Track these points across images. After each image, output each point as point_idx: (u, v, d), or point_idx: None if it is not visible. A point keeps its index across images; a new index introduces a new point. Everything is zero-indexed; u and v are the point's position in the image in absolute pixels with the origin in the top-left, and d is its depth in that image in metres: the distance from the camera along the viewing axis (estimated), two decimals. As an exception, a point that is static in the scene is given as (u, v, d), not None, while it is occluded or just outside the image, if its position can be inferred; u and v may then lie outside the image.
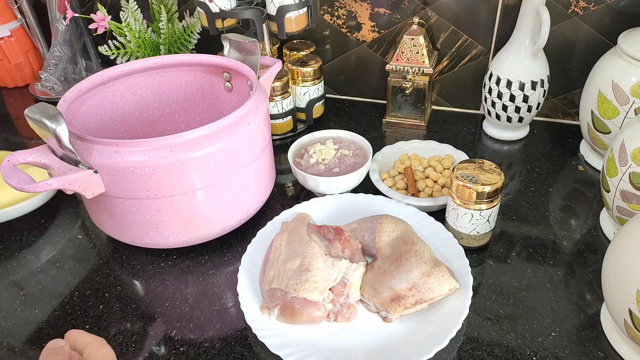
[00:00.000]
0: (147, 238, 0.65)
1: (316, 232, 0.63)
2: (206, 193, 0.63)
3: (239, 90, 0.78)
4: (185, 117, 0.84)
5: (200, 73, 0.80)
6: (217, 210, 0.65)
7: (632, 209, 0.61)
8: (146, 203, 0.61)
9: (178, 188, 0.60)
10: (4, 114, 1.08)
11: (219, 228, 0.67)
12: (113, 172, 0.58)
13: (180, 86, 0.81)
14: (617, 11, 0.80)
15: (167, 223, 0.63)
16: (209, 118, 0.84)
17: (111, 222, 0.65)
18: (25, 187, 0.55)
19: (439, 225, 0.66)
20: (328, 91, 1.05)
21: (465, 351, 0.56)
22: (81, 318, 0.62)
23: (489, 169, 0.63)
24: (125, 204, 0.61)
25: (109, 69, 0.73)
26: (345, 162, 0.76)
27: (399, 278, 0.56)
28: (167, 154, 0.58)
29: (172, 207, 0.62)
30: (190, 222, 0.64)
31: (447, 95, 0.98)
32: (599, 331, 0.57)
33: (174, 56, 0.77)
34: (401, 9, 0.91)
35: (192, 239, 0.66)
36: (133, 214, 0.62)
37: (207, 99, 0.82)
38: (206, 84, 0.81)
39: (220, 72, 0.78)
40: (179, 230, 0.64)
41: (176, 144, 0.58)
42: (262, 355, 0.56)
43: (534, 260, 0.66)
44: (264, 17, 0.82)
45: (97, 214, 0.66)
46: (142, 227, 0.63)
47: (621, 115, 0.72)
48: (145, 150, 0.57)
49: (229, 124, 0.61)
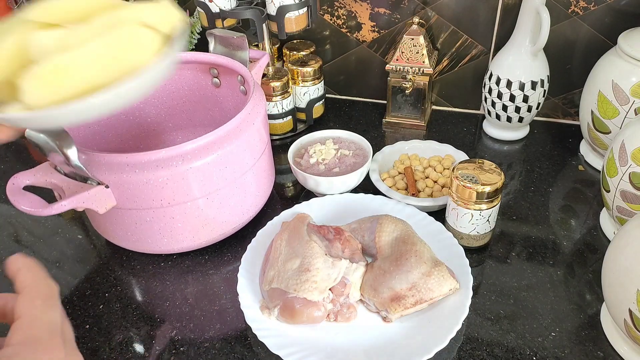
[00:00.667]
0: (161, 245, 0.65)
1: (316, 232, 0.63)
2: (219, 195, 0.63)
3: (228, 85, 0.78)
4: (172, 117, 0.84)
5: (185, 71, 0.79)
6: (228, 210, 0.66)
7: (632, 209, 0.61)
8: (160, 212, 0.61)
9: (191, 194, 0.61)
10: (4, 114, 1.08)
11: (231, 227, 0.68)
12: (125, 185, 0.57)
13: (166, 85, 0.81)
14: (617, 11, 0.80)
15: (182, 229, 0.63)
16: (198, 116, 0.84)
17: (122, 233, 0.64)
18: (40, 211, 0.54)
19: (439, 225, 0.66)
20: (328, 91, 1.05)
21: (465, 351, 0.56)
22: (81, 318, 0.62)
23: (489, 169, 0.63)
24: (139, 214, 0.61)
25: None
26: (345, 162, 0.76)
27: (399, 278, 0.56)
28: (179, 162, 0.58)
29: (185, 213, 0.62)
30: (204, 225, 0.64)
31: (447, 95, 0.98)
32: (599, 331, 0.57)
33: None
34: (401, 9, 0.91)
35: (206, 241, 0.67)
36: (147, 222, 0.62)
37: (194, 97, 0.82)
38: (192, 81, 0.80)
39: (206, 69, 0.78)
40: (193, 235, 0.65)
41: (187, 152, 0.58)
42: (262, 355, 0.56)
43: (534, 260, 0.66)
44: (264, 17, 0.82)
45: (105, 226, 0.65)
46: (156, 235, 0.63)
47: (621, 115, 0.72)
48: (157, 160, 0.57)
49: (237, 125, 0.62)
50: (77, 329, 0.61)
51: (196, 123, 0.85)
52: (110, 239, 0.68)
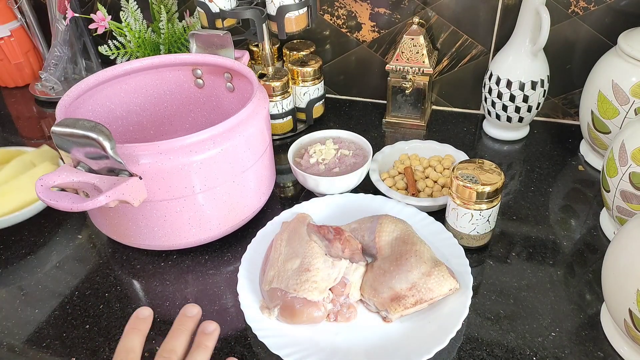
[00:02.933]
0: (190, 236, 0.65)
1: (316, 232, 0.63)
2: (243, 178, 0.65)
3: (212, 85, 0.79)
4: (153, 123, 0.83)
5: (166, 74, 0.79)
6: (250, 194, 0.68)
7: (632, 209, 0.61)
8: (191, 200, 0.62)
9: (221, 178, 0.62)
10: (4, 114, 1.08)
11: (251, 212, 0.70)
12: (160, 174, 0.58)
13: (147, 91, 0.80)
14: (617, 11, 0.80)
15: (210, 216, 0.65)
16: (179, 120, 0.84)
17: (147, 230, 0.64)
18: (81, 206, 0.53)
19: (439, 225, 0.66)
20: (328, 91, 1.05)
21: (465, 351, 0.56)
22: (81, 318, 0.62)
23: (489, 169, 0.63)
24: (169, 205, 0.61)
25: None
26: (345, 162, 0.76)
27: (399, 278, 0.56)
28: (211, 145, 0.59)
29: (214, 199, 0.64)
30: (230, 210, 0.66)
31: (447, 95, 0.98)
32: (599, 331, 0.57)
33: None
34: (401, 9, 0.91)
35: (230, 227, 0.68)
36: (177, 213, 0.62)
37: (176, 101, 0.82)
38: (174, 85, 0.81)
39: (189, 70, 0.79)
40: (219, 221, 0.66)
41: (217, 135, 0.60)
42: (262, 355, 0.56)
43: (534, 260, 0.66)
44: (264, 17, 0.82)
45: (128, 225, 0.64)
46: (185, 226, 0.64)
47: (621, 115, 0.72)
48: (190, 145, 0.58)
49: (253, 109, 0.65)
50: (77, 329, 0.61)
51: (178, 128, 0.85)
52: (126, 241, 0.67)
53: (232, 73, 0.76)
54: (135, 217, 0.62)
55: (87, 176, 0.55)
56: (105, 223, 0.66)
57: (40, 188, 0.53)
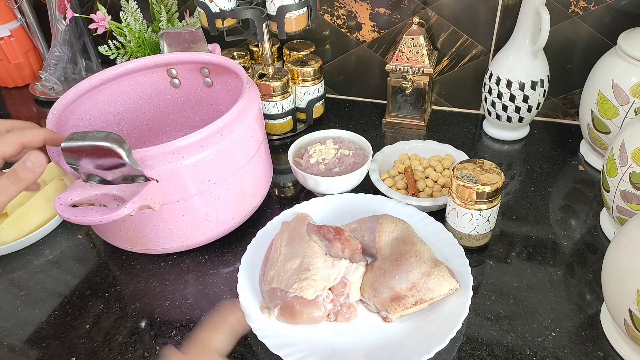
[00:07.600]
0: (207, 231, 0.66)
1: (316, 232, 0.63)
2: (251, 166, 0.67)
3: (189, 83, 0.80)
4: (134, 130, 0.82)
5: (140, 78, 0.78)
6: (258, 181, 0.70)
7: (632, 209, 0.61)
8: (207, 194, 0.62)
9: (233, 167, 0.63)
10: (4, 114, 1.08)
11: (259, 199, 0.72)
12: (176, 174, 0.58)
13: (123, 98, 0.78)
14: (617, 11, 0.80)
15: (225, 208, 0.66)
16: (159, 123, 0.83)
17: (165, 233, 0.63)
18: (108, 217, 0.51)
19: (439, 225, 0.66)
20: (328, 91, 1.05)
21: (465, 351, 0.56)
22: (81, 318, 0.62)
23: (489, 169, 0.63)
24: (187, 204, 0.61)
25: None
26: (345, 162, 0.76)
27: (399, 278, 0.56)
28: (219, 137, 0.60)
29: (228, 190, 0.64)
30: (243, 199, 0.67)
31: (447, 95, 0.98)
32: (599, 331, 0.57)
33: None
34: (401, 9, 0.91)
35: (244, 216, 0.69)
36: (194, 211, 0.62)
37: (153, 104, 0.82)
38: (149, 87, 0.80)
39: (164, 70, 0.78)
40: (234, 212, 0.67)
41: (223, 127, 0.60)
42: (262, 355, 0.56)
43: (534, 260, 0.66)
44: (264, 17, 0.82)
45: (144, 232, 0.63)
46: (203, 222, 0.64)
47: (621, 115, 0.72)
48: (200, 140, 0.58)
49: (248, 98, 0.65)
50: (77, 329, 0.61)
51: (158, 132, 0.84)
52: (137, 248, 0.66)
53: (209, 67, 0.76)
54: (177, 217, 0.63)
55: (105, 188, 0.54)
56: (105, 229, 0.66)
57: (61, 207, 0.52)
